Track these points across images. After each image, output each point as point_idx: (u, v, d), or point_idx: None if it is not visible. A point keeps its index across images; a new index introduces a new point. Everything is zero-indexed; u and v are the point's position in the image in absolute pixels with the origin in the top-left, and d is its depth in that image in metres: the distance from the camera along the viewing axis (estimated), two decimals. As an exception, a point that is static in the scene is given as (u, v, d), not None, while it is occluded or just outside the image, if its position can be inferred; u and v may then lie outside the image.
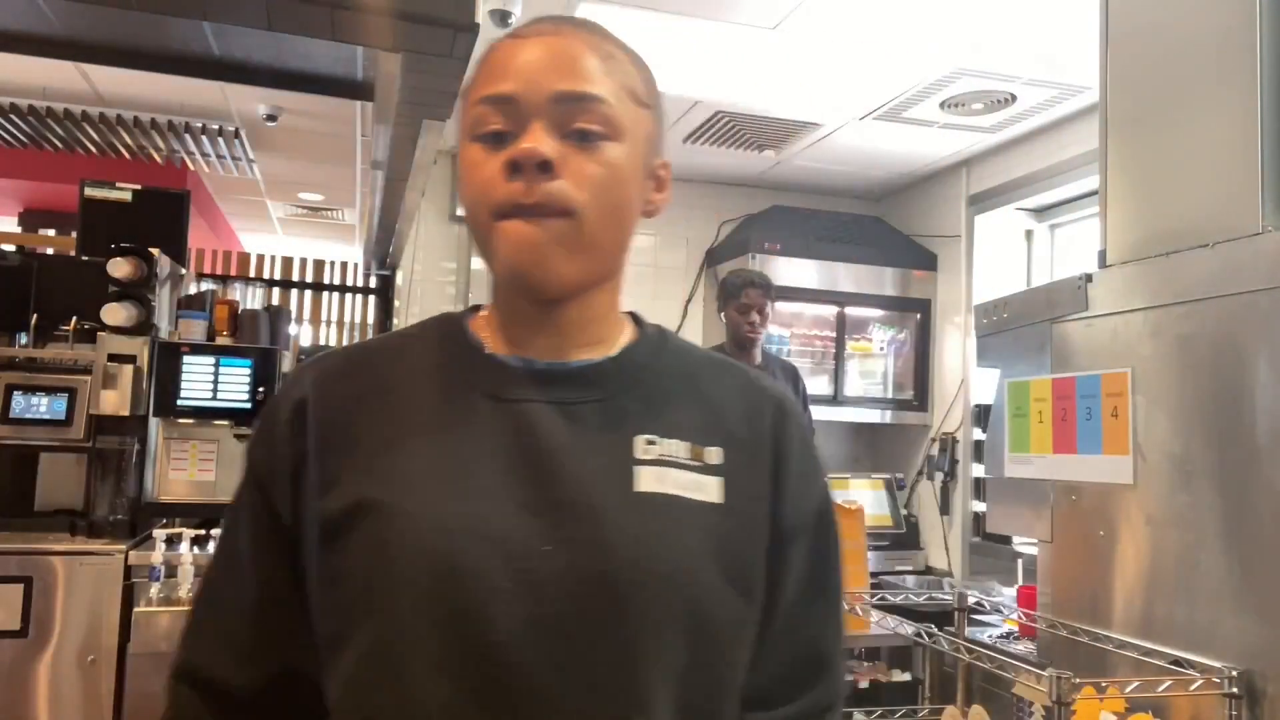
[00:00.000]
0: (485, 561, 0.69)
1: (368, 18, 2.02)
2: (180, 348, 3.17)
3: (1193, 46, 1.62)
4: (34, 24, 2.89)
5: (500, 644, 0.68)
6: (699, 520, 0.74)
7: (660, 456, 0.75)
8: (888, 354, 4.31)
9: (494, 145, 0.74)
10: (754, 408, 0.82)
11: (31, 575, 2.75)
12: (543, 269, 0.73)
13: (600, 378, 0.79)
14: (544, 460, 0.73)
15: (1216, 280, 1.46)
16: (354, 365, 0.82)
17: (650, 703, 0.70)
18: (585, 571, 0.70)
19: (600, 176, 0.73)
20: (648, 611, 0.70)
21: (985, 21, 2.74)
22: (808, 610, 0.82)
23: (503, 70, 0.75)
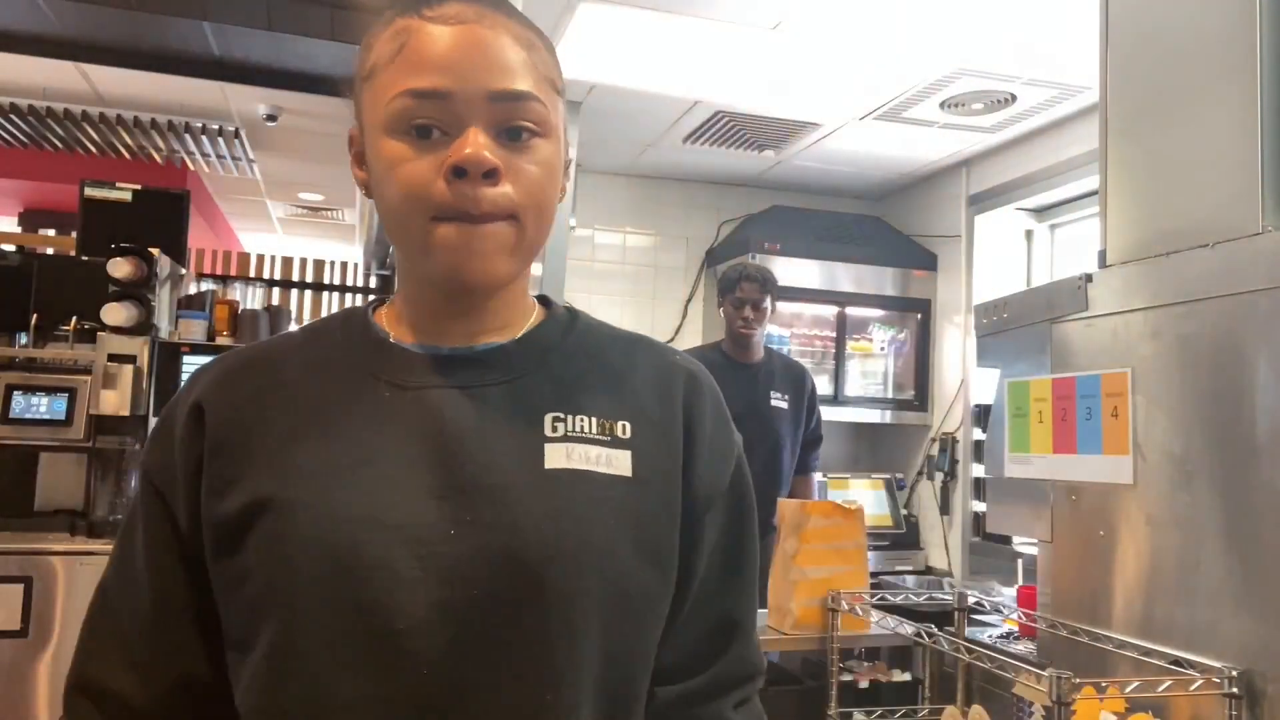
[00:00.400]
0: (387, 550, 0.68)
1: (368, 18, 2.02)
2: (180, 348, 3.17)
3: (1193, 46, 1.62)
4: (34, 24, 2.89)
5: (407, 632, 0.67)
6: (609, 494, 0.74)
7: (568, 433, 0.75)
8: (888, 354, 4.31)
9: (421, 142, 0.71)
10: (664, 381, 0.82)
11: (31, 575, 2.75)
12: (484, 271, 0.72)
13: (505, 360, 0.78)
14: (449, 444, 0.72)
15: (1216, 280, 1.46)
16: (252, 363, 0.80)
17: (566, 681, 0.70)
18: (493, 553, 0.69)
19: (537, 178, 0.73)
20: (559, 588, 0.70)
21: (985, 21, 2.74)
22: (721, 582, 0.82)
23: (427, 61, 0.71)
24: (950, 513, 4.04)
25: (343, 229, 6.70)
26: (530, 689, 0.69)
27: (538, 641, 0.69)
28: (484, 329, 0.79)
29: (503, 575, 0.69)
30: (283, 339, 0.86)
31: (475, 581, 0.68)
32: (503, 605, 0.69)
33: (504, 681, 0.68)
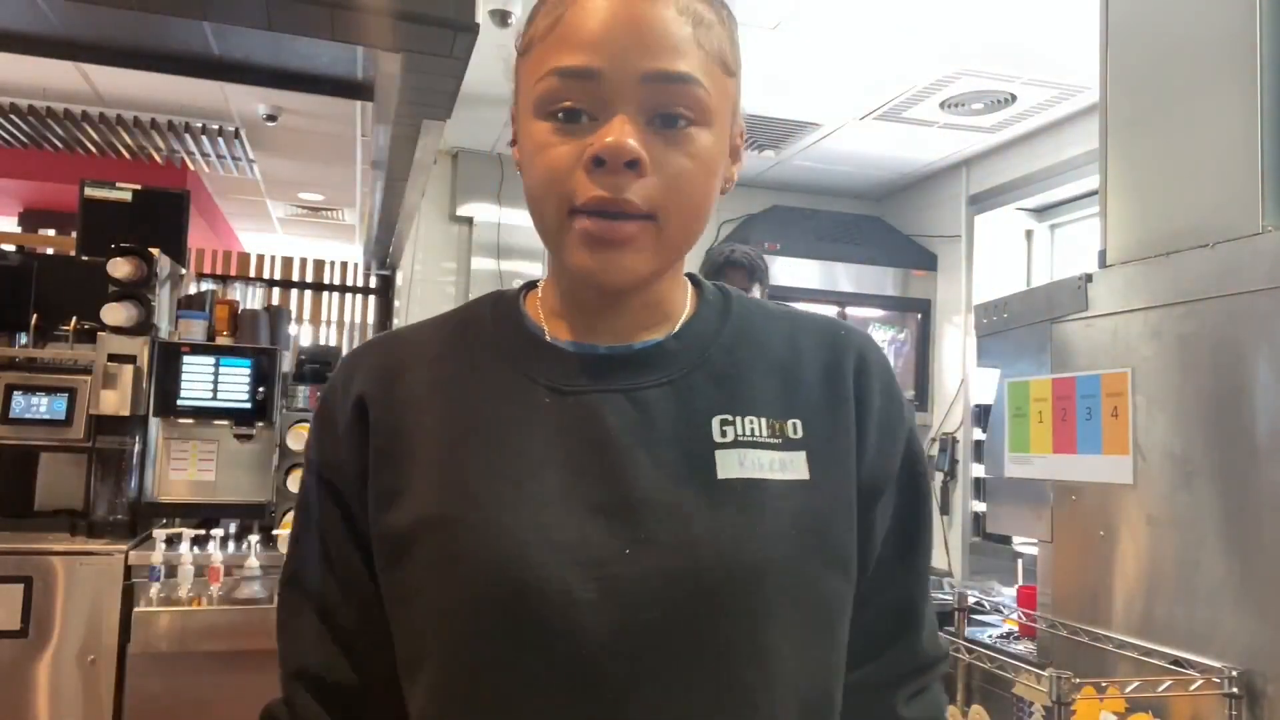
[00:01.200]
0: (563, 571, 0.64)
1: (368, 18, 2.02)
2: (180, 348, 3.17)
3: (1193, 46, 1.62)
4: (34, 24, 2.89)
5: (590, 657, 0.64)
6: (787, 504, 0.69)
7: (739, 438, 0.70)
8: (888, 354, 4.30)
9: (568, 126, 0.67)
10: (833, 365, 0.76)
11: (31, 575, 2.75)
12: (618, 271, 0.68)
13: (665, 358, 0.73)
14: (615, 456, 0.68)
15: (1216, 280, 1.46)
16: (408, 358, 0.76)
17: (759, 702, 0.66)
18: (671, 573, 0.65)
19: (687, 172, 0.67)
20: (743, 608, 0.66)
21: (985, 21, 2.74)
22: (895, 566, 0.78)
23: (579, 36, 0.66)
24: (950, 513, 4.04)
25: (343, 229, 6.70)
26: (723, 715, 0.65)
27: (725, 664, 0.65)
28: (640, 325, 0.74)
29: (682, 597, 0.65)
30: (433, 327, 0.80)
31: (655, 604, 0.64)
32: (684, 628, 0.65)
33: (695, 707, 0.65)
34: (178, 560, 2.82)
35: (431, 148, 2.87)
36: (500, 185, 4.25)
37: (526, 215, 0.73)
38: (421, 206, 3.91)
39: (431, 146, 2.85)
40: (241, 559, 2.92)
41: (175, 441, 3.16)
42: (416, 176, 3.18)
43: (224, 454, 3.19)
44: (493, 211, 4.28)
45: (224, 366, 3.18)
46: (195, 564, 2.83)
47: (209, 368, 3.16)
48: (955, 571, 3.96)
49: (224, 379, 3.18)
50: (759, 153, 4.04)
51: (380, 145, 3.06)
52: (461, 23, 2.03)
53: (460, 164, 4.31)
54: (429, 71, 2.22)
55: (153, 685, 2.67)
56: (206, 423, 3.18)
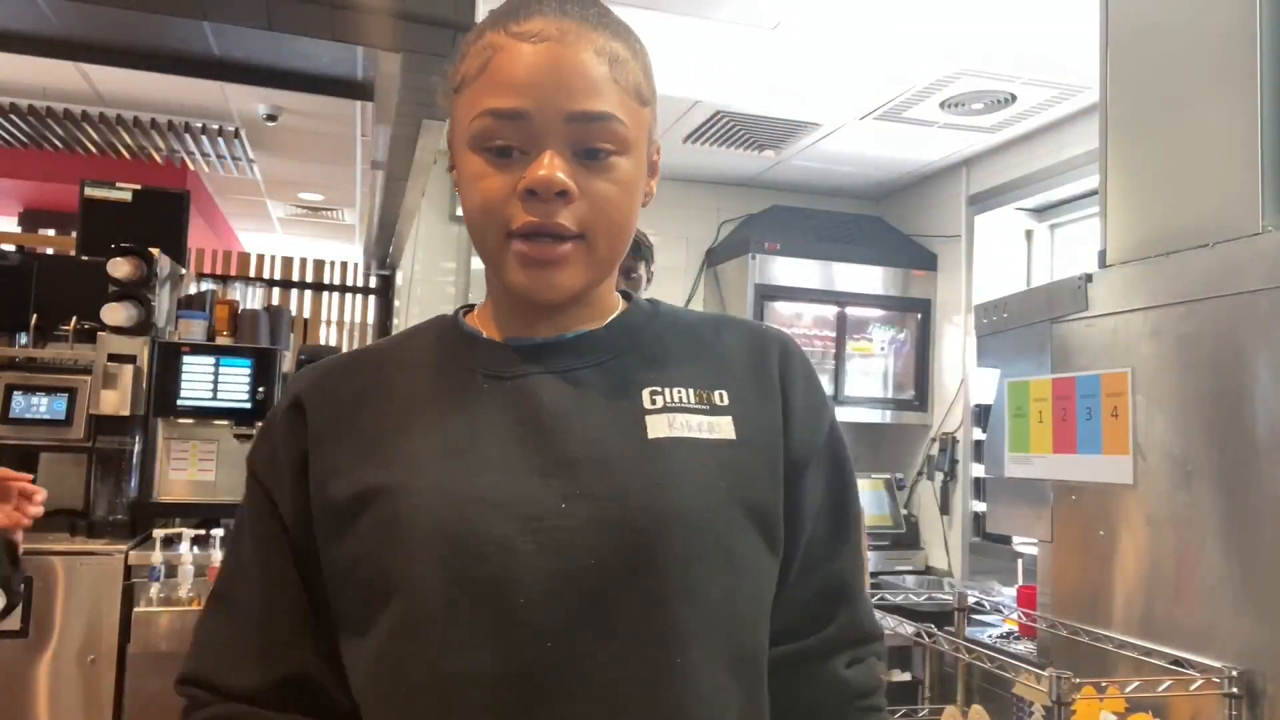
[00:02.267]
0: (501, 526, 0.69)
1: (368, 18, 2.03)
2: (180, 348, 3.17)
3: (1193, 46, 1.62)
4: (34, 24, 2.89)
5: (527, 605, 0.68)
6: (714, 457, 0.75)
7: (668, 404, 0.77)
8: (888, 354, 4.30)
9: (500, 160, 0.74)
10: (756, 349, 0.83)
11: (31, 575, 2.74)
12: (552, 287, 0.75)
13: (597, 344, 0.80)
14: (550, 424, 0.74)
15: (1216, 280, 1.46)
16: (350, 366, 0.83)
17: (690, 643, 0.70)
18: (605, 522, 0.70)
19: (611, 195, 0.75)
20: (672, 552, 0.71)
21: (985, 21, 2.74)
22: (827, 545, 0.84)
23: (507, 81, 0.73)
24: (950, 513, 4.03)
25: (343, 229, 6.70)
26: (655, 653, 0.70)
27: (657, 606, 0.70)
28: (574, 320, 0.81)
29: (616, 544, 0.70)
30: (375, 345, 0.88)
31: (589, 551, 0.69)
32: (619, 573, 0.70)
33: (627, 648, 0.69)
34: (178, 560, 2.82)
35: (431, 148, 2.87)
36: (500, 185, 4.25)
37: None
38: (421, 206, 3.91)
39: (431, 146, 2.86)
40: (241, 559, 2.91)
41: (175, 441, 3.17)
42: (416, 176, 3.18)
43: (224, 454, 3.19)
44: (493, 211, 4.27)
45: (224, 366, 3.18)
46: (195, 564, 2.83)
47: (209, 368, 3.16)
48: (955, 571, 3.96)
49: (224, 379, 3.18)
50: (759, 153, 4.04)
51: (380, 145, 3.06)
52: (461, 23, 2.04)
53: (460, 164, 4.31)
54: (429, 71, 2.22)
55: (153, 685, 2.67)
56: (206, 422, 3.18)
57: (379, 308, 5.09)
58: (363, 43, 2.23)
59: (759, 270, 4.05)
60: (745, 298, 4.06)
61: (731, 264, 4.24)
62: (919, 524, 4.23)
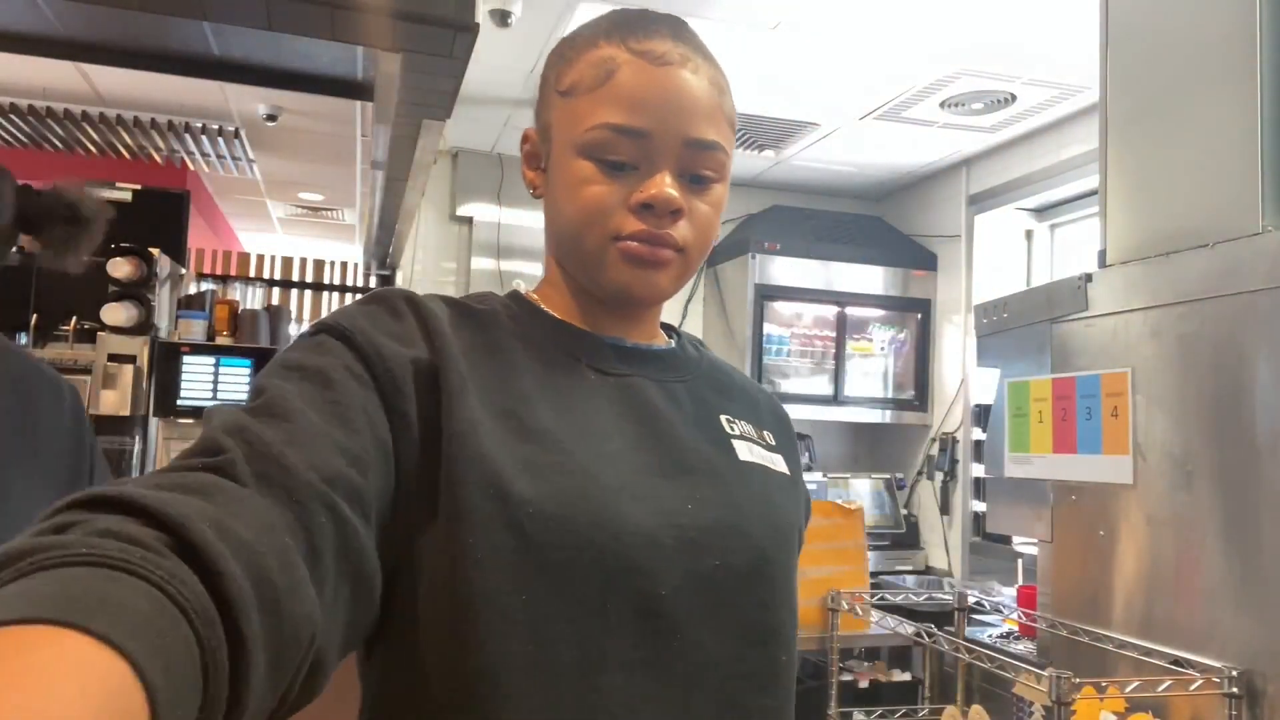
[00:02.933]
0: (648, 519, 0.71)
1: (368, 18, 2.02)
2: (180, 348, 3.17)
3: (1193, 46, 1.62)
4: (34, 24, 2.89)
5: (667, 598, 0.70)
6: (784, 488, 0.84)
7: (742, 434, 0.83)
8: (888, 354, 4.31)
9: (613, 172, 0.76)
10: (776, 407, 0.93)
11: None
12: (651, 287, 0.78)
13: (678, 362, 0.85)
14: (662, 428, 0.78)
15: (1216, 280, 1.46)
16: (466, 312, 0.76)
17: (790, 645, 0.78)
18: (727, 528, 0.74)
19: (709, 217, 0.79)
20: (778, 562, 0.77)
21: (985, 21, 2.74)
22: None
23: (634, 101, 0.75)
24: (950, 513, 4.04)
25: (343, 229, 6.70)
26: (769, 653, 0.75)
27: (767, 609, 0.76)
28: (645, 334, 0.85)
29: (737, 548, 0.74)
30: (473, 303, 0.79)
31: (716, 552, 0.73)
32: (739, 575, 0.74)
33: (743, 647, 0.74)
34: (178, 560, 2.82)
35: (431, 148, 2.87)
36: (500, 185, 4.25)
37: (526, 215, 0.79)
38: (421, 206, 3.91)
39: (431, 146, 2.86)
40: (241, 559, 2.92)
41: (175, 441, 3.17)
42: (416, 176, 3.18)
43: (224, 454, 3.18)
44: (492, 211, 4.28)
45: (224, 366, 3.18)
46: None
47: (209, 368, 3.17)
48: (955, 571, 3.96)
49: (224, 379, 3.18)
50: (759, 153, 4.04)
51: (380, 145, 3.06)
52: (461, 23, 2.03)
53: (460, 164, 4.31)
54: (429, 71, 2.22)
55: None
56: (206, 423, 3.17)
57: (379, 308, 5.08)
58: (363, 43, 2.23)
59: (759, 270, 4.05)
60: (745, 298, 4.06)
61: (731, 264, 4.24)
62: (919, 524, 4.23)
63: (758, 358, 4.05)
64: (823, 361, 4.18)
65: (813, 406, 4.13)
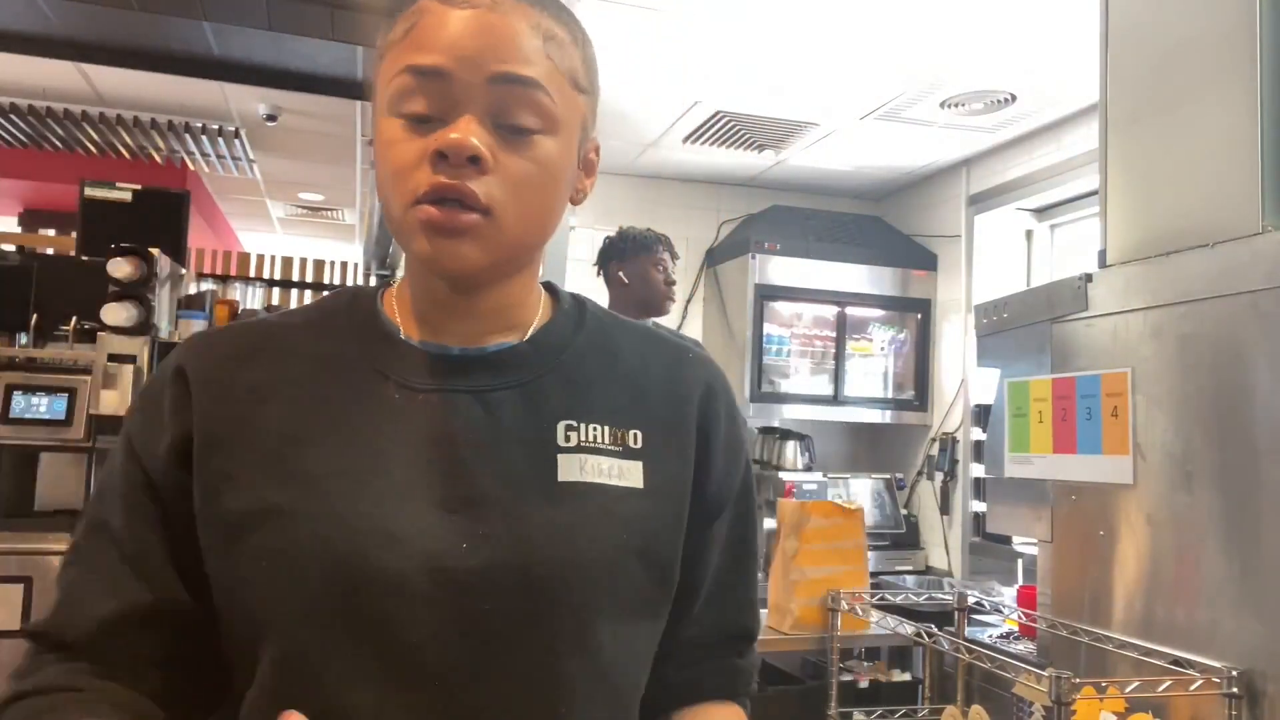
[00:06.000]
0: (399, 564, 0.67)
1: (368, 18, 2.02)
2: (180, 348, 3.16)
3: (1193, 46, 1.62)
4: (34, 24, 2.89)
5: (420, 646, 0.66)
6: (620, 508, 0.73)
7: (581, 443, 0.74)
8: (888, 354, 4.31)
9: (417, 126, 0.69)
10: (679, 387, 0.80)
11: (31, 575, 2.75)
12: (455, 257, 0.69)
13: (517, 362, 0.76)
14: (460, 453, 0.71)
15: (1216, 280, 1.46)
16: (247, 347, 0.76)
17: (579, 695, 0.70)
18: (505, 568, 0.68)
19: (528, 174, 0.70)
20: (570, 604, 0.69)
21: (985, 22, 2.74)
22: (729, 587, 0.84)
23: (432, 38, 0.69)
24: (950, 513, 4.04)
25: (343, 229, 6.70)
26: (545, 703, 0.69)
27: (551, 656, 0.69)
28: (491, 329, 0.77)
29: (515, 591, 0.68)
30: (283, 322, 0.80)
31: (488, 596, 0.67)
32: (515, 620, 0.68)
33: (519, 696, 0.68)
34: (178, 560, 2.82)
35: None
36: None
37: None
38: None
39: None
40: (241, 559, 2.92)
41: (175, 441, 3.16)
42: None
43: (224, 454, 3.18)
44: (493, 211, 4.27)
45: (224, 366, 3.18)
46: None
47: (209, 368, 3.16)
48: (955, 571, 3.96)
49: (224, 379, 3.17)
50: (759, 152, 4.04)
51: (380, 145, 3.06)
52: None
53: (460, 164, 4.31)
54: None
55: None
56: (206, 423, 3.17)
57: (379, 308, 5.09)
58: (363, 43, 2.23)
59: (759, 270, 4.05)
60: (745, 298, 4.06)
61: (731, 264, 4.24)
62: (919, 524, 4.23)
63: (758, 358, 4.05)
64: (823, 361, 4.18)
65: (813, 406, 4.13)
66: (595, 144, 0.80)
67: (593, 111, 0.77)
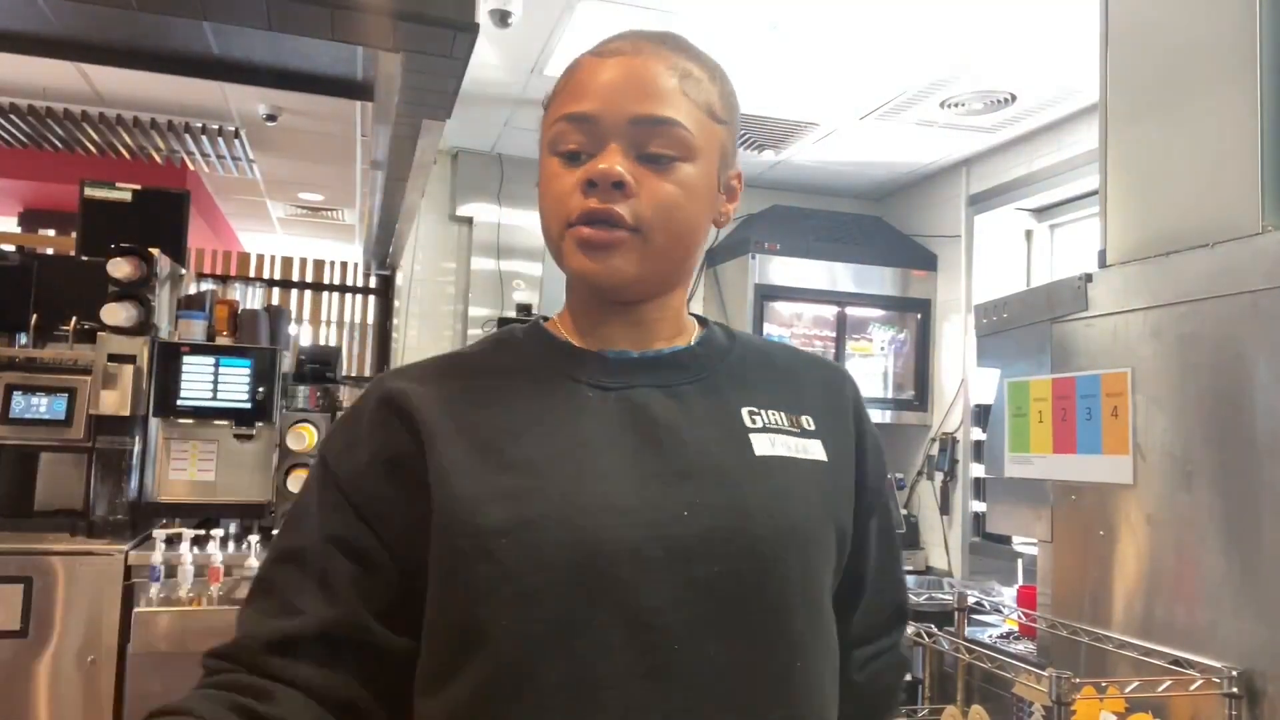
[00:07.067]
0: (630, 532, 0.71)
1: (368, 18, 2.02)
2: (180, 348, 3.17)
3: (1193, 46, 1.62)
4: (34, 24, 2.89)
5: (658, 610, 0.70)
6: (812, 477, 0.80)
7: (766, 425, 0.81)
8: (888, 354, 4.31)
9: (571, 162, 0.78)
10: (832, 382, 0.90)
11: (31, 575, 2.75)
12: (609, 271, 0.77)
13: (691, 362, 0.84)
14: (662, 435, 0.77)
15: (1216, 280, 1.46)
16: (446, 369, 0.83)
17: (810, 650, 0.75)
18: (726, 532, 0.73)
19: (671, 195, 0.77)
20: (790, 562, 0.75)
21: (985, 22, 2.74)
22: (888, 572, 0.92)
23: (583, 89, 0.78)
24: (950, 513, 4.04)
25: (343, 229, 6.70)
26: (779, 658, 0.73)
27: (779, 613, 0.74)
28: (657, 336, 0.84)
29: (740, 554, 0.73)
30: (464, 352, 0.88)
31: (714, 560, 0.72)
32: (744, 582, 0.73)
33: (753, 653, 0.72)
34: (178, 560, 2.82)
35: (431, 148, 2.87)
36: (500, 185, 4.25)
37: (526, 216, 0.81)
38: (421, 206, 3.91)
39: (431, 146, 2.85)
40: (241, 559, 2.92)
41: (175, 441, 3.16)
42: (416, 176, 3.18)
43: (224, 454, 3.19)
44: (493, 211, 4.28)
45: (224, 366, 3.18)
46: (195, 564, 2.83)
47: (209, 368, 3.16)
48: (955, 571, 3.96)
49: (224, 379, 3.17)
50: (759, 153, 4.04)
51: (380, 145, 3.06)
52: (461, 23, 2.03)
53: (460, 164, 4.31)
54: (429, 71, 2.21)
55: (153, 685, 2.66)
56: (206, 423, 3.18)
57: (379, 308, 5.09)
58: (363, 43, 2.23)
59: (759, 270, 4.05)
60: (745, 298, 4.06)
61: (731, 264, 4.24)
62: (919, 524, 4.22)
63: (758, 358, 4.05)
64: (823, 361, 4.17)
65: (813, 406, 4.13)
66: (738, 172, 0.87)
67: (732, 141, 0.85)
